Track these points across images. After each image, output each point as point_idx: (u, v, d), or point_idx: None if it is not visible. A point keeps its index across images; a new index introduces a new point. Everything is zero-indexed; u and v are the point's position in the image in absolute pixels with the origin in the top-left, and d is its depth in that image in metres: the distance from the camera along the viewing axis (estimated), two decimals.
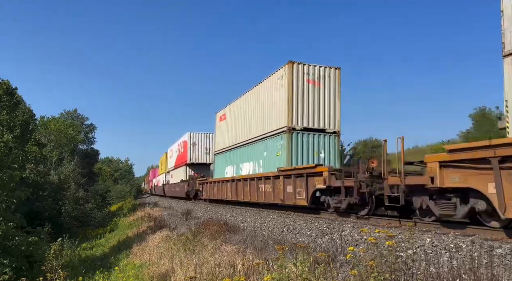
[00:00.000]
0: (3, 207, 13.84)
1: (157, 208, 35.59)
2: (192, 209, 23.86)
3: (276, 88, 16.71)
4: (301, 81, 15.83)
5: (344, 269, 6.89)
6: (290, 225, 11.96)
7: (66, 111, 63.74)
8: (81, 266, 16.16)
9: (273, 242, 10.04)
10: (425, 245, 7.16)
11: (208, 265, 9.12)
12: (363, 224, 9.91)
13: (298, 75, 15.79)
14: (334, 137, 16.26)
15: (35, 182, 26.00)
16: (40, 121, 44.50)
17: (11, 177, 14.17)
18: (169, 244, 14.33)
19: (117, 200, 56.53)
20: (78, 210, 33.66)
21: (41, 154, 28.43)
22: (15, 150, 16.96)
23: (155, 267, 11.87)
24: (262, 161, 17.94)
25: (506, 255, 5.92)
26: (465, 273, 5.37)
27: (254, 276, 7.20)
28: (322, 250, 8.18)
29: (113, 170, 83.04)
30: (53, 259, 10.58)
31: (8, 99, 20.76)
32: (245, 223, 14.74)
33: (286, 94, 15.64)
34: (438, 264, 6.23)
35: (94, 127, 67.61)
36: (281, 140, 15.94)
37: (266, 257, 8.28)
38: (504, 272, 5.57)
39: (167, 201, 41.52)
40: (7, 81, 21.66)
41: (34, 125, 30.79)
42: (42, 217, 23.99)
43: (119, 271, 11.80)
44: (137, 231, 22.19)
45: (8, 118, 19.24)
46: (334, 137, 16.27)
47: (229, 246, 11.15)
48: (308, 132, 15.75)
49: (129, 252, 17.14)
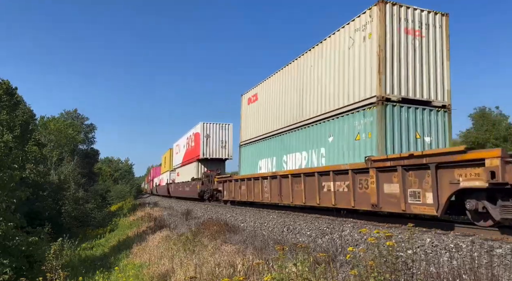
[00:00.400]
0: (3, 207, 13.83)
1: (157, 208, 35.60)
2: (192, 209, 23.85)
3: (355, 42, 12.01)
4: (396, 30, 11.19)
5: (344, 269, 6.89)
6: (290, 225, 11.95)
7: (66, 111, 63.90)
8: (81, 266, 16.16)
9: (273, 242, 10.04)
10: (425, 245, 7.16)
11: (208, 265, 9.12)
12: (363, 224, 9.91)
13: (393, 21, 11.16)
14: (443, 113, 11.58)
15: (35, 182, 25.99)
16: (40, 121, 44.54)
17: (11, 177, 14.17)
18: (169, 244, 14.33)
19: (117, 200, 56.57)
20: (78, 210, 33.67)
21: (41, 154, 28.42)
22: (15, 150, 16.95)
23: (155, 267, 11.87)
24: (324, 149, 13.22)
25: (506, 255, 5.92)
26: (465, 273, 5.37)
27: (254, 276, 7.21)
28: (322, 250, 8.18)
29: (113, 170, 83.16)
30: (53, 259, 10.57)
31: (8, 99, 20.76)
32: (245, 223, 14.74)
33: (376, 48, 10.96)
34: (438, 264, 6.23)
35: (94, 127, 67.76)
36: (366, 117, 11.29)
37: (266, 257, 8.29)
38: (504, 272, 5.57)
39: (167, 201, 41.47)
40: (7, 81, 21.67)
41: (34, 125, 30.82)
42: (42, 217, 23.97)
43: (119, 271, 11.79)
44: (137, 231, 22.19)
45: (8, 118, 19.23)
46: (443, 113, 11.59)
47: (229, 246, 11.16)
48: (407, 105, 11.06)
49: (129, 252, 17.14)
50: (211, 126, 29.53)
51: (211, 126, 29.54)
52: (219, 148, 29.49)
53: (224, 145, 29.36)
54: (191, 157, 32.24)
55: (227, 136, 29.56)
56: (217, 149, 29.43)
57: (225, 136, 29.65)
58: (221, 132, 29.64)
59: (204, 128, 29.37)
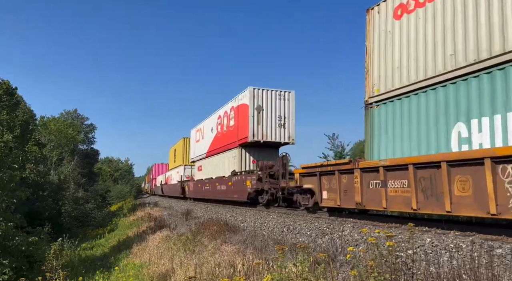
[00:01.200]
0: (3, 207, 13.85)
1: (157, 208, 35.63)
2: (192, 209, 23.87)
3: None
4: None
5: (344, 269, 6.90)
6: (290, 225, 11.96)
7: (66, 111, 63.99)
8: (81, 266, 16.17)
9: (273, 242, 10.05)
10: (425, 245, 7.16)
11: (208, 265, 9.13)
12: (363, 224, 9.90)
13: None
14: None
15: (35, 182, 26.01)
16: (40, 121, 44.59)
17: (11, 177, 14.18)
18: (169, 244, 14.35)
19: (117, 200, 56.62)
20: (78, 210, 33.71)
21: (41, 154, 28.43)
22: (15, 150, 16.96)
23: (155, 267, 11.88)
24: None
25: (506, 255, 5.91)
26: (465, 273, 5.37)
27: (254, 276, 7.21)
28: (322, 250, 8.19)
29: (113, 170, 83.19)
30: (53, 259, 10.58)
31: (8, 99, 20.76)
32: (245, 223, 14.75)
33: None
34: (438, 264, 6.23)
35: (94, 127, 67.84)
36: None
37: (266, 257, 8.29)
38: (504, 272, 5.57)
39: (167, 201, 41.43)
40: (7, 81, 21.67)
41: (34, 125, 30.82)
42: (42, 217, 24.00)
43: (119, 271, 11.81)
44: (137, 231, 22.21)
45: (8, 118, 19.23)
46: None
47: (229, 246, 11.16)
48: None
49: (129, 252, 17.15)
50: (264, 94, 19.95)
51: (264, 93, 19.92)
52: (276, 128, 19.95)
53: (283, 123, 20.11)
54: (228, 142, 22.47)
55: (287, 109, 20.22)
56: (273, 128, 19.86)
57: (284, 109, 20.19)
58: (279, 104, 20.09)
59: (254, 97, 19.66)
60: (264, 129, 19.39)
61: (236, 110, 21.06)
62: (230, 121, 22.24)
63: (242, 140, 19.86)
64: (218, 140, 24.45)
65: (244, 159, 20.40)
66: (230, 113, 22.33)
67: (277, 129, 19.71)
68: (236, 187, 19.65)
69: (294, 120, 19.77)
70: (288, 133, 19.77)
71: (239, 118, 20.44)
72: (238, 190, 19.33)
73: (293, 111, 19.83)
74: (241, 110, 20.35)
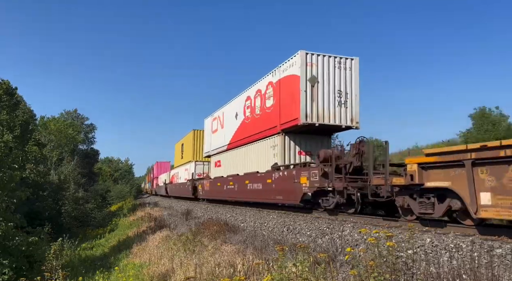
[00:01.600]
0: (3, 207, 13.85)
1: (157, 208, 35.61)
2: (192, 209, 23.86)
3: None
4: None
5: (344, 269, 6.89)
6: (290, 225, 11.95)
7: (66, 111, 63.95)
8: (81, 266, 16.17)
9: (273, 242, 10.05)
10: (425, 245, 7.16)
11: (208, 265, 9.13)
12: (363, 224, 9.90)
13: None
14: None
15: (35, 182, 26.01)
16: (40, 121, 44.59)
17: (11, 177, 14.18)
18: (169, 244, 14.34)
19: (117, 200, 56.63)
20: (78, 210, 33.72)
21: (41, 154, 28.43)
22: (15, 150, 16.96)
23: (155, 267, 11.88)
24: None
25: (506, 255, 5.92)
26: (465, 273, 5.37)
27: (254, 276, 7.21)
28: (322, 250, 8.19)
29: (113, 170, 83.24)
30: (53, 259, 10.58)
31: (8, 99, 20.76)
32: (245, 223, 14.74)
33: None
34: (438, 264, 6.23)
35: (94, 127, 67.80)
36: None
37: (266, 257, 8.29)
38: (504, 272, 5.57)
39: (167, 201, 41.40)
40: (7, 81, 21.67)
41: (34, 125, 30.82)
42: (42, 217, 24.01)
43: (119, 271, 11.81)
44: (137, 231, 22.20)
45: (8, 118, 19.24)
46: None
47: (229, 246, 11.16)
48: None
49: (129, 252, 17.15)
50: (320, 61, 14.63)
51: (320, 60, 14.63)
52: (335, 107, 14.67)
53: (344, 101, 14.74)
54: (264, 127, 17.15)
55: (349, 82, 14.89)
56: (331, 107, 14.60)
57: (345, 82, 14.85)
58: (338, 75, 14.80)
59: (307, 64, 14.44)
60: (319, 109, 14.36)
61: (277, 85, 16.20)
62: (265, 101, 17.43)
63: (287, 124, 15.06)
64: (247, 127, 19.53)
65: (288, 149, 15.57)
66: (267, 91, 17.30)
67: (336, 108, 14.61)
68: (281, 185, 14.43)
69: (358, 96, 14.87)
70: (351, 114, 14.76)
71: (283, 95, 15.67)
72: (284, 190, 14.21)
73: (356, 84, 14.88)
74: (287, 84, 15.37)
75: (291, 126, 14.91)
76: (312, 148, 15.58)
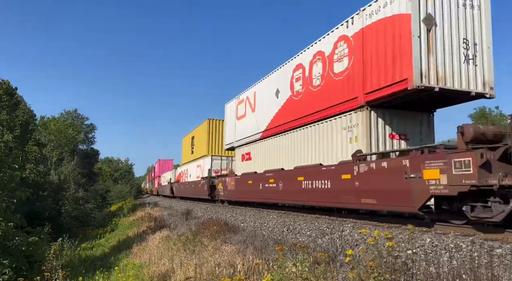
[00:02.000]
0: (3, 207, 13.84)
1: (157, 208, 35.61)
2: (192, 209, 23.85)
3: None
4: None
5: (344, 269, 6.89)
6: (290, 225, 11.95)
7: (66, 111, 63.96)
8: (81, 266, 16.16)
9: (273, 242, 10.04)
10: (425, 245, 7.16)
11: (208, 265, 9.12)
12: (363, 224, 9.91)
13: None
14: None
15: (35, 182, 26.01)
16: (40, 121, 44.58)
17: (11, 177, 14.18)
18: (169, 244, 14.34)
19: (117, 200, 56.63)
20: (78, 210, 33.73)
21: (41, 154, 28.43)
22: (15, 150, 16.97)
23: (155, 267, 11.88)
24: None
25: (506, 255, 5.92)
26: (465, 273, 5.37)
27: (254, 276, 7.21)
28: (322, 250, 8.19)
29: (113, 170, 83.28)
30: (53, 259, 10.58)
31: (8, 99, 20.77)
32: (245, 223, 14.74)
33: None
34: (438, 264, 6.23)
35: (94, 127, 67.79)
36: None
37: (266, 257, 8.29)
38: (504, 272, 5.57)
39: (167, 201, 41.44)
40: (7, 81, 21.68)
41: (34, 125, 30.83)
42: (42, 217, 24.00)
43: (119, 271, 11.80)
44: (137, 231, 22.20)
45: (8, 118, 19.25)
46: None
47: (229, 246, 11.16)
48: None
49: (129, 252, 17.15)
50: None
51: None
52: (459, 63, 9.76)
53: (473, 55, 9.92)
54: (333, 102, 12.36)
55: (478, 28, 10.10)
56: (454, 64, 9.71)
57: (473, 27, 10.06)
58: (463, 15, 9.95)
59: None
60: (439, 65, 9.54)
61: (358, 38, 11.38)
62: (332, 65, 12.54)
63: (381, 92, 10.29)
64: (297, 105, 14.68)
65: (376, 130, 10.97)
66: (336, 51, 12.42)
67: (461, 66, 9.80)
68: (374, 183, 9.60)
69: (491, 49, 10.13)
70: (482, 75, 9.98)
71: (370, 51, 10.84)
72: (382, 191, 9.35)
73: (488, 30, 10.11)
74: (379, 32, 10.53)
75: (389, 94, 9.96)
76: (407, 129, 11.17)
